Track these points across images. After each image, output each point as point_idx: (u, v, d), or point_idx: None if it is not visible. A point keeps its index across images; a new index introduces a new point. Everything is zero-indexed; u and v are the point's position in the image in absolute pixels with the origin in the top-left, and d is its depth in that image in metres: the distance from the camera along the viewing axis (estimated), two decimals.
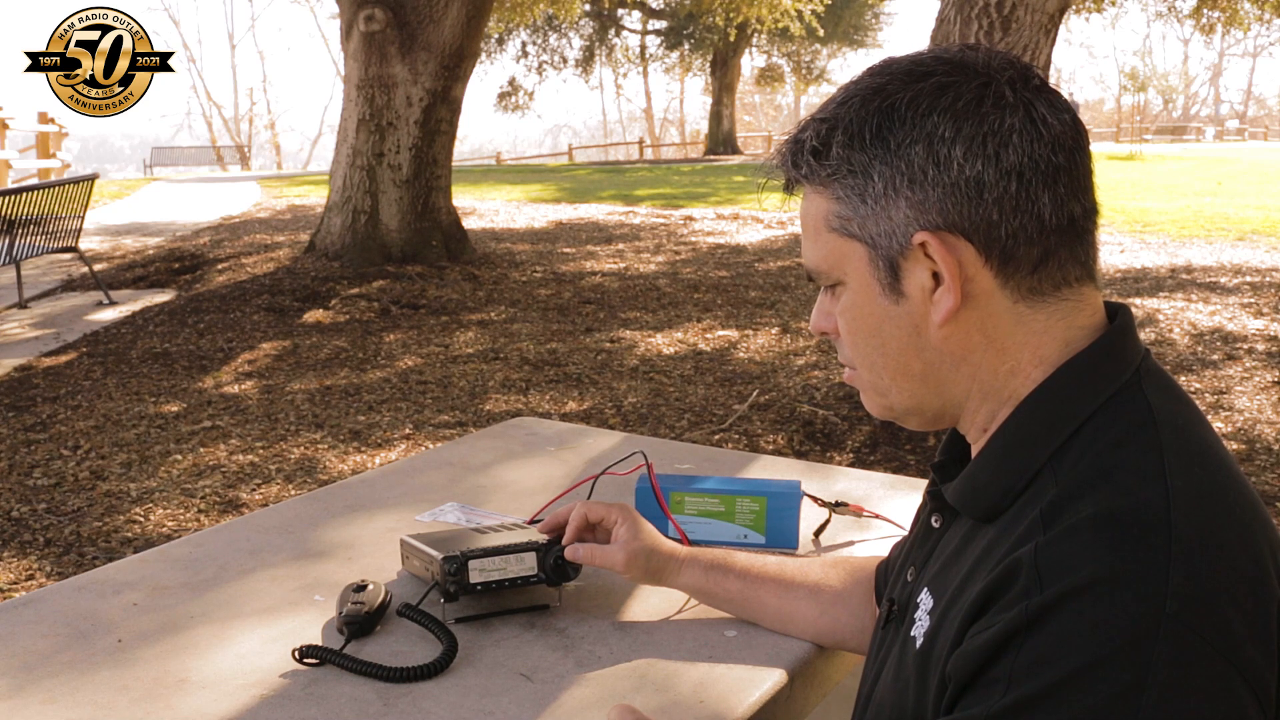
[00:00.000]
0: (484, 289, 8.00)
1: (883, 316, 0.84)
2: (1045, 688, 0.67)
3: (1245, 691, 0.67)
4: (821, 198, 0.85)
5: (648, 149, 36.37)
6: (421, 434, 4.66)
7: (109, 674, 1.13)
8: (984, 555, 0.78)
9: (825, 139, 0.83)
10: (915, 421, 0.90)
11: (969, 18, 4.14)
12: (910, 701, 0.82)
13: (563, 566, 1.23)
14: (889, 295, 0.83)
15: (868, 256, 0.83)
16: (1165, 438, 0.75)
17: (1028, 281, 0.80)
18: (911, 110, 0.79)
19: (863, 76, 0.84)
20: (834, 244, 0.85)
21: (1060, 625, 0.68)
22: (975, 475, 0.84)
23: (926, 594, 0.85)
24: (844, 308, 0.87)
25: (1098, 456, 0.75)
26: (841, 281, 0.86)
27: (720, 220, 12.48)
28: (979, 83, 0.79)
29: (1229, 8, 14.26)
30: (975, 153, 0.78)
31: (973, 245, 0.79)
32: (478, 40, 9.09)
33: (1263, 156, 22.64)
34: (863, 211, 0.82)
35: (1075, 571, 0.69)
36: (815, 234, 0.87)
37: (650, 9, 31.86)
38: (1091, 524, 0.71)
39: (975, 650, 0.72)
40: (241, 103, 69.78)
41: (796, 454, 4.29)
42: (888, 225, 0.81)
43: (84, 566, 3.37)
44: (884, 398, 0.89)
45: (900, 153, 0.80)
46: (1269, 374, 5.38)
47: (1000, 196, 0.78)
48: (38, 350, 6.35)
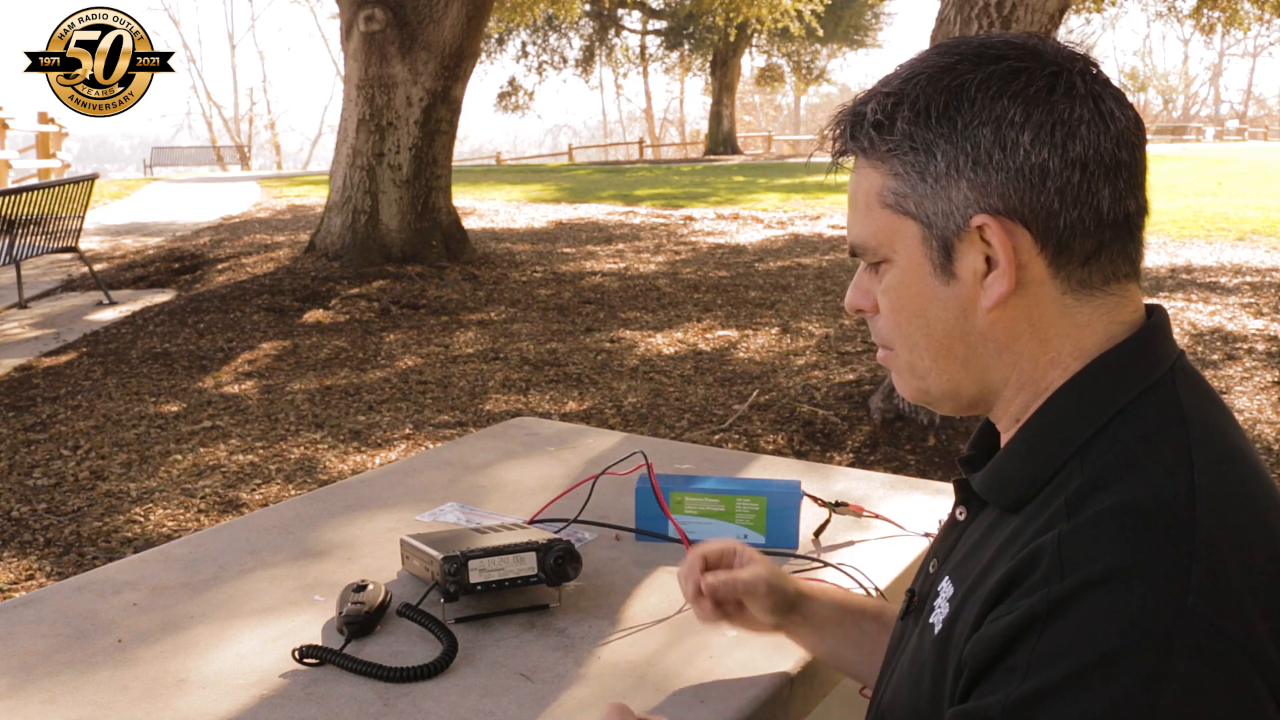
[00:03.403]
0: (484, 289, 8.00)
1: (931, 297, 0.83)
2: (1064, 677, 0.67)
3: (1263, 689, 0.67)
4: (877, 173, 0.84)
5: (648, 149, 36.34)
6: (421, 434, 4.66)
7: (109, 674, 1.13)
8: (1007, 543, 0.78)
9: (890, 113, 0.82)
10: (949, 406, 0.89)
11: (969, 18, 4.14)
12: (926, 686, 0.82)
13: (563, 566, 1.23)
14: (939, 276, 0.82)
15: (921, 235, 0.82)
16: (1195, 435, 0.76)
17: (1078, 274, 0.80)
18: (982, 92, 0.79)
19: (928, 55, 0.83)
20: (886, 220, 0.84)
21: (1081, 614, 0.68)
22: (1003, 464, 0.84)
23: (948, 582, 0.85)
24: (888, 286, 0.86)
25: (1125, 449, 0.75)
26: (888, 259, 0.85)
27: (720, 220, 12.47)
28: (1051, 71, 0.79)
29: (1229, 8, 14.26)
30: (1043, 140, 0.78)
31: (1030, 232, 0.79)
32: (478, 40, 9.08)
33: (1263, 156, 22.63)
34: (921, 190, 0.81)
35: (1097, 560, 0.69)
36: (866, 209, 0.85)
37: (650, 9, 31.85)
38: (1116, 514, 0.71)
39: (994, 636, 0.71)
40: (241, 103, 69.76)
41: (796, 454, 4.29)
42: (946, 205, 0.80)
43: (84, 566, 3.37)
44: (920, 380, 0.88)
45: (967, 134, 0.79)
46: (1269, 374, 5.37)
47: (1063, 186, 0.78)
48: (38, 350, 6.35)
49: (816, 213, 13.05)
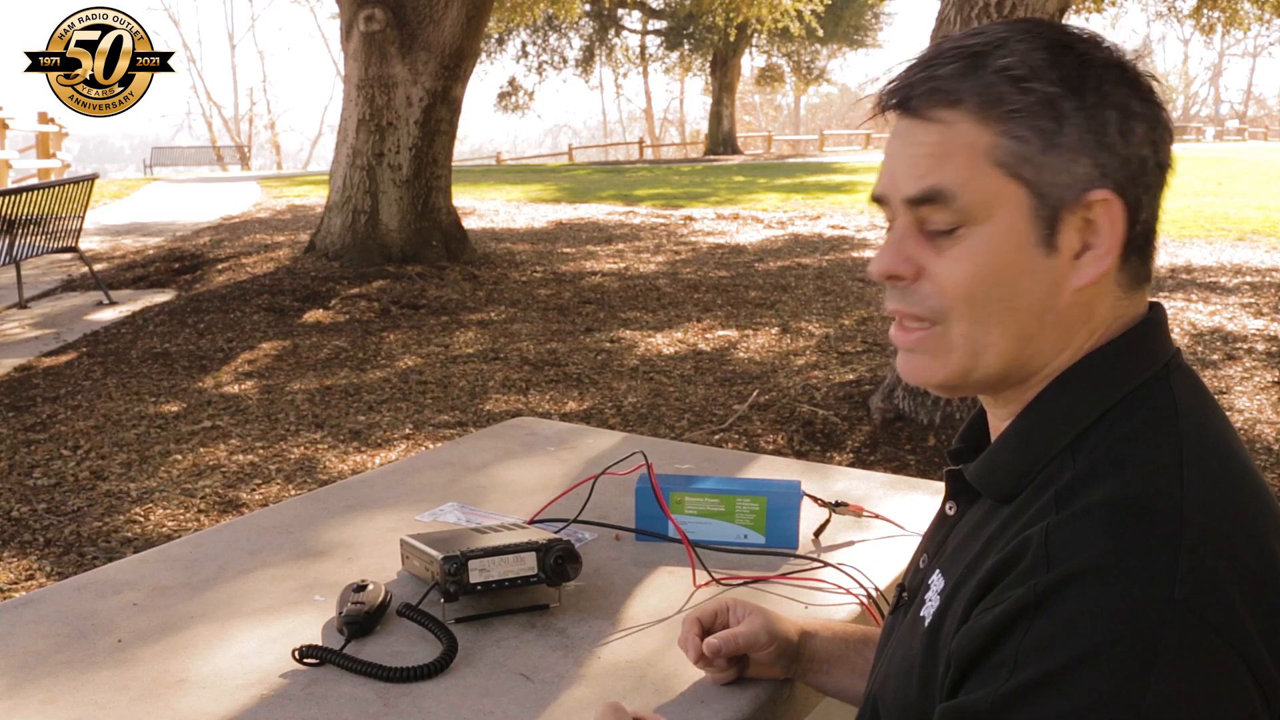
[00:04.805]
0: (484, 289, 8.00)
1: (1024, 267, 0.79)
2: (1051, 671, 0.67)
3: (1250, 683, 0.67)
4: (985, 130, 0.79)
5: (648, 149, 36.34)
6: (421, 434, 4.66)
7: (109, 674, 1.13)
8: (997, 534, 0.78)
9: (1035, 72, 0.78)
10: (978, 388, 0.85)
11: (969, 18, 4.14)
12: (916, 678, 0.82)
13: (563, 566, 1.23)
14: (1042, 247, 0.79)
15: (1029, 203, 0.78)
16: (1186, 431, 0.76)
17: (1134, 270, 0.81)
18: (1108, 75, 0.79)
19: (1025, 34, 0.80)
20: (991, 180, 0.79)
21: (1067, 607, 0.68)
22: (996, 455, 0.84)
23: (938, 575, 0.85)
24: (970, 249, 0.80)
25: (1116, 443, 0.76)
26: (977, 221, 0.79)
27: (720, 220, 12.47)
28: (1146, 72, 0.81)
29: (1229, 8, 14.25)
30: (1148, 136, 0.79)
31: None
32: (478, 40, 9.08)
33: (1263, 156, 22.63)
34: (1042, 159, 0.78)
35: (1083, 553, 0.69)
36: (966, 164, 0.79)
37: (650, 9, 31.85)
38: (1104, 507, 0.71)
39: (981, 629, 0.72)
40: (241, 103, 69.82)
41: (796, 454, 4.29)
42: (1066, 178, 0.78)
43: (84, 566, 3.37)
44: (970, 358, 0.82)
45: (1095, 112, 0.78)
46: (1269, 374, 5.37)
47: (1150, 184, 0.80)
48: (38, 350, 6.35)
49: (816, 213, 13.04)
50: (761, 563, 1.40)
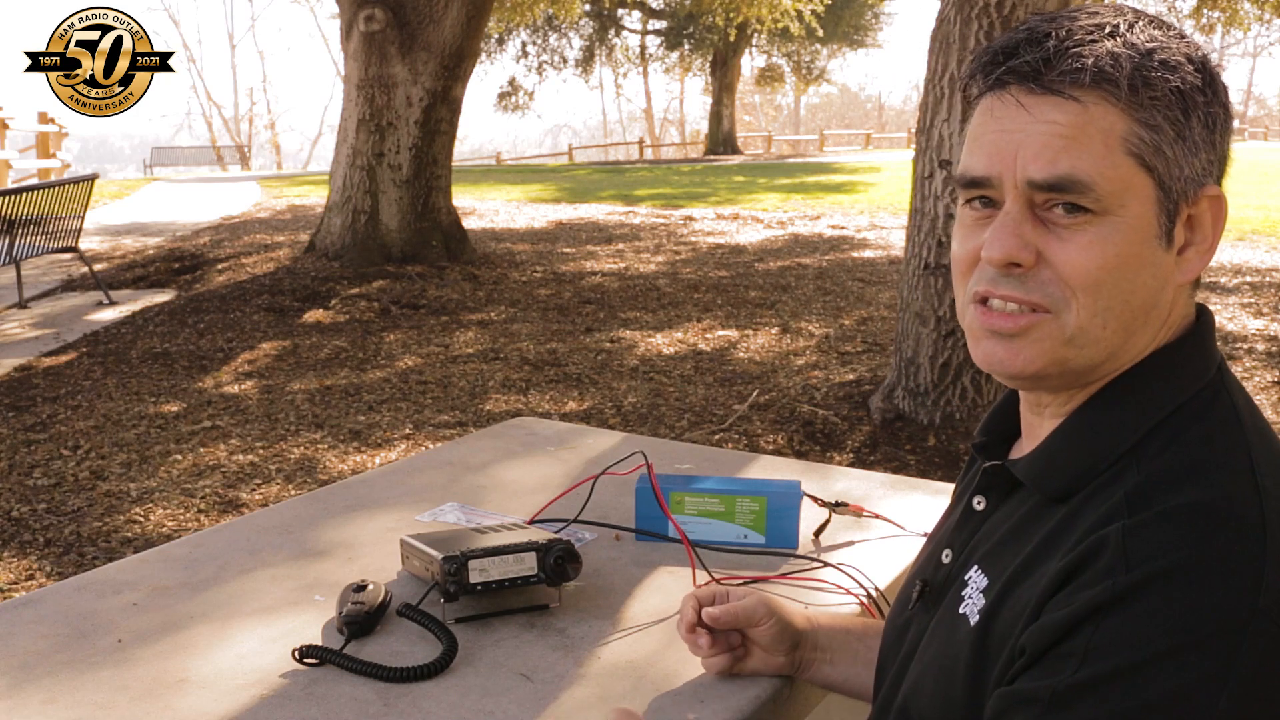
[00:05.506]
0: (484, 289, 8.00)
1: (1147, 261, 0.78)
2: (1123, 667, 0.67)
3: None
4: (1123, 116, 0.77)
5: (648, 149, 36.34)
6: (421, 434, 4.66)
7: (108, 674, 1.13)
8: (1057, 533, 0.77)
9: (1181, 62, 0.78)
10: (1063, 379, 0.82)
11: (969, 18, 4.14)
12: (960, 678, 0.80)
13: (563, 566, 1.23)
14: (1163, 240, 0.79)
15: (1155, 195, 0.78)
16: (1252, 439, 0.76)
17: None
18: (1215, 77, 0.80)
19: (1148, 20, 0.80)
20: (1126, 169, 0.77)
21: (1146, 607, 0.67)
22: (1054, 452, 0.82)
23: (978, 573, 0.84)
24: (1100, 238, 0.77)
25: (1187, 448, 0.75)
26: (1110, 211, 0.77)
27: (720, 220, 12.47)
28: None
29: (1229, 8, 14.26)
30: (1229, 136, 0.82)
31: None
32: (478, 40, 9.08)
33: (1263, 156, 22.61)
34: (1172, 150, 0.78)
35: (1166, 556, 0.69)
36: (1105, 150, 0.76)
37: (650, 9, 31.85)
38: (1186, 511, 0.71)
39: (1053, 625, 0.71)
40: (241, 103, 69.84)
41: (796, 454, 4.29)
42: (1190, 171, 0.78)
43: (84, 566, 3.37)
44: (1076, 349, 0.79)
45: (1210, 109, 0.79)
46: (1269, 374, 5.37)
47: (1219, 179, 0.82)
48: (38, 350, 6.35)
49: (816, 213, 13.04)
50: (761, 563, 1.40)
